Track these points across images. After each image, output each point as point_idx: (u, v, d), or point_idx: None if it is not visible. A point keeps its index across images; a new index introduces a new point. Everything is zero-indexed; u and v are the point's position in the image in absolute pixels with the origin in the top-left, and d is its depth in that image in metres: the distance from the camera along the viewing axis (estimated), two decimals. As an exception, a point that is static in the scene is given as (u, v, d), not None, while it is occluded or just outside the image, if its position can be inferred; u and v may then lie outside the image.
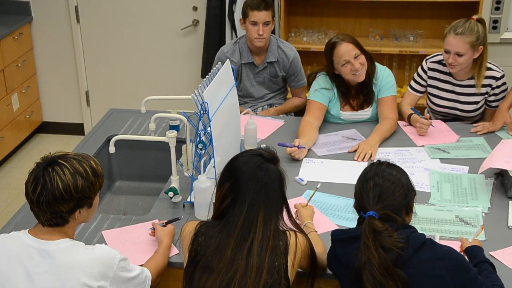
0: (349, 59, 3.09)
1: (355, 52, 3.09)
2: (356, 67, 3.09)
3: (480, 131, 3.19)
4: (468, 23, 3.08)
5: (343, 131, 3.26)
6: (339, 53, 3.10)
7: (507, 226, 2.44)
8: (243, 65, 3.72)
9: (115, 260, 1.95)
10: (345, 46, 3.09)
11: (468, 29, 3.06)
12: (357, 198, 1.99)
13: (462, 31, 3.05)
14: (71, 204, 1.92)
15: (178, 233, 2.29)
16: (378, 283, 1.83)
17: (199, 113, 2.42)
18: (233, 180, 1.95)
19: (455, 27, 3.09)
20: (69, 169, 1.91)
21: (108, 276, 1.93)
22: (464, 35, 3.05)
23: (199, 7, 4.69)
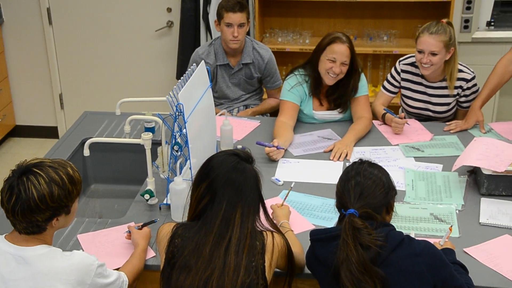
0: (338, 60, 3.10)
1: (346, 60, 3.11)
2: (336, 70, 3.11)
3: (453, 129, 3.23)
4: (440, 24, 3.13)
5: (318, 131, 3.27)
6: (334, 48, 3.11)
7: (479, 223, 2.48)
8: (218, 67, 3.71)
9: (93, 267, 1.93)
10: (343, 48, 3.10)
11: (442, 29, 3.11)
12: (339, 196, 2.00)
13: (436, 30, 3.10)
14: (47, 214, 1.90)
15: (154, 235, 2.28)
16: (356, 280, 1.85)
17: (175, 115, 2.41)
18: (210, 180, 1.95)
19: (428, 27, 3.13)
20: (44, 178, 1.88)
21: (85, 283, 1.92)
22: (438, 34, 3.09)
23: (173, 9, 4.67)
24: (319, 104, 3.31)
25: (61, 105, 5.08)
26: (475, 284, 2.06)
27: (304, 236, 2.29)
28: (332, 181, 2.72)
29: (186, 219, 2.04)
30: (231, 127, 3.04)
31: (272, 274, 1.98)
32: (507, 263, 2.23)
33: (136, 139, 2.63)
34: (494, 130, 3.23)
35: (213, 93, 3.64)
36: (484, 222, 2.48)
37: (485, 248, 2.32)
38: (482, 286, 2.10)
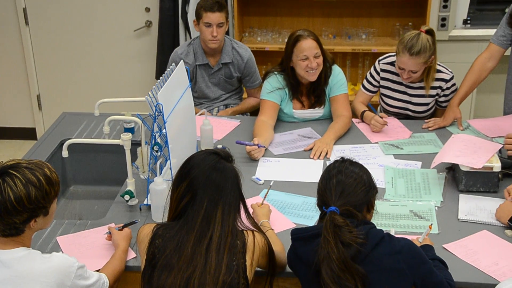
0: (309, 55, 3.12)
1: (316, 52, 3.12)
2: (312, 65, 3.12)
3: (432, 126, 3.26)
4: (420, 40, 3.05)
5: (298, 129, 3.28)
6: (301, 46, 3.12)
7: (457, 219, 2.50)
8: (197, 67, 3.70)
9: (73, 268, 1.92)
10: (309, 42, 3.12)
11: (422, 49, 3.04)
12: (320, 194, 2.01)
13: (416, 51, 3.04)
14: (24, 215, 1.88)
15: (135, 236, 2.27)
16: (336, 277, 1.86)
17: (154, 115, 2.40)
18: (190, 179, 1.95)
19: (409, 47, 3.05)
20: (21, 180, 1.86)
21: (65, 285, 1.90)
22: (418, 56, 3.05)
23: (151, 8, 4.65)
24: (300, 104, 3.32)
25: (39, 106, 5.03)
26: (454, 279, 2.09)
27: (285, 234, 2.29)
28: (312, 179, 2.73)
29: (166, 220, 2.03)
30: (211, 127, 3.04)
31: (253, 273, 1.98)
32: (485, 258, 2.26)
33: (115, 139, 2.61)
34: (472, 127, 3.27)
35: (192, 93, 3.64)
36: (463, 218, 2.50)
37: (463, 244, 2.34)
38: (461, 281, 2.12)
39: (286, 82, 3.26)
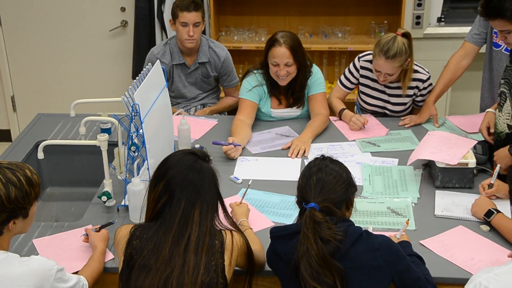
0: (280, 63, 3.12)
1: (288, 61, 3.11)
2: (281, 73, 3.13)
3: (408, 124, 3.29)
4: (396, 43, 3.06)
5: (276, 128, 3.29)
6: (273, 53, 3.12)
7: (434, 215, 2.53)
8: (174, 66, 3.69)
9: (52, 271, 1.90)
10: (282, 51, 3.10)
11: (398, 53, 3.06)
12: (300, 190, 2.02)
13: (392, 55, 3.05)
14: (3, 215, 1.86)
15: (112, 237, 2.25)
16: (315, 273, 1.87)
17: (131, 115, 2.39)
18: (167, 180, 1.94)
19: (385, 50, 3.07)
20: (1, 179, 1.85)
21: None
22: (394, 59, 3.07)
23: (127, 8, 4.62)
24: (278, 103, 3.33)
25: (13, 108, 4.97)
26: (431, 275, 2.10)
27: (264, 233, 2.30)
28: (290, 178, 2.74)
29: (144, 220, 2.02)
30: (189, 127, 3.03)
31: (232, 273, 1.98)
32: (461, 253, 2.28)
33: (92, 140, 2.59)
34: (448, 123, 3.30)
35: (169, 93, 3.62)
36: (439, 214, 2.53)
37: (440, 240, 2.37)
38: (438, 276, 2.14)
39: (265, 80, 3.26)
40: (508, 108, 2.72)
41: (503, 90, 2.76)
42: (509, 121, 2.72)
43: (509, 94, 2.70)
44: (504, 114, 2.75)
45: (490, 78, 3.34)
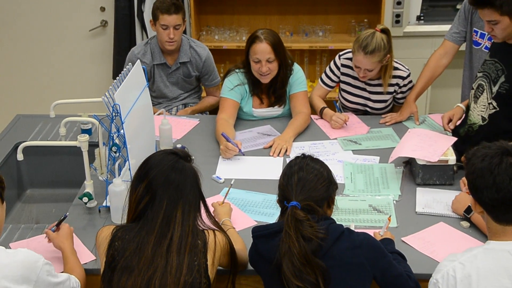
0: (261, 59, 3.12)
1: (270, 57, 3.12)
2: (263, 70, 3.13)
3: (389, 121, 3.31)
4: (375, 39, 3.09)
5: (258, 127, 3.29)
6: (255, 49, 3.12)
7: (415, 212, 2.55)
8: (155, 66, 3.67)
9: (39, 263, 1.88)
10: (263, 46, 3.11)
11: (376, 48, 3.08)
12: (281, 189, 2.02)
13: (371, 50, 3.07)
14: None
15: (89, 238, 2.23)
16: (297, 271, 1.87)
17: (111, 116, 2.37)
18: (149, 180, 1.93)
19: (364, 45, 3.09)
20: None
21: (31, 280, 1.86)
22: (373, 54, 3.09)
23: (107, 8, 4.59)
24: (260, 102, 3.33)
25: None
26: (413, 271, 2.12)
27: (247, 232, 2.30)
28: (272, 177, 2.74)
29: (126, 221, 2.01)
30: (170, 126, 3.02)
31: (215, 273, 1.98)
32: (442, 249, 2.30)
33: (72, 141, 2.58)
34: (428, 120, 3.32)
35: (151, 93, 3.62)
36: (420, 211, 2.55)
37: (421, 236, 2.39)
38: (420, 273, 2.15)
39: (247, 79, 3.26)
40: (484, 101, 2.76)
41: (481, 83, 2.79)
42: (484, 113, 2.76)
43: (487, 86, 2.74)
44: (479, 106, 2.79)
45: (471, 76, 3.37)
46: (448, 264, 1.81)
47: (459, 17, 3.30)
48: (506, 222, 1.80)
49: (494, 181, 1.76)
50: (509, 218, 1.79)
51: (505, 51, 2.70)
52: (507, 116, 2.69)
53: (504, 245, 1.78)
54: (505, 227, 1.80)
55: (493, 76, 2.72)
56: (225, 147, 2.93)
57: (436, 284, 1.80)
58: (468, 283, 1.75)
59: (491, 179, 1.77)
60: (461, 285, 1.75)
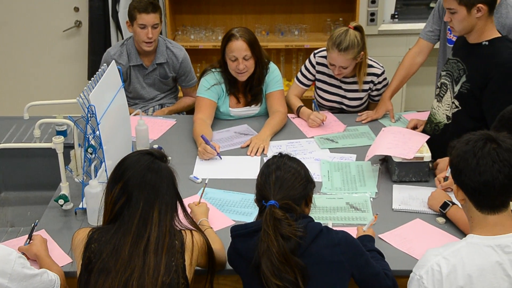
0: (238, 57, 3.12)
1: (246, 54, 3.12)
2: (240, 68, 3.13)
3: (365, 119, 3.34)
4: (349, 36, 3.11)
5: (235, 126, 3.29)
6: (231, 47, 3.12)
7: (392, 209, 2.57)
8: (131, 67, 3.65)
9: (12, 256, 1.86)
10: (239, 44, 3.11)
11: (350, 45, 3.10)
12: (259, 188, 2.03)
13: (345, 47, 3.10)
14: None
15: (64, 240, 2.21)
16: (276, 270, 1.88)
17: (87, 117, 2.35)
18: (125, 181, 1.92)
19: (338, 43, 3.11)
20: None
21: (5, 273, 1.84)
22: (347, 52, 3.11)
23: (81, 8, 4.55)
24: (236, 101, 3.33)
25: (-35, 111, 4.85)
26: (390, 268, 2.14)
27: (225, 232, 2.30)
28: (250, 176, 2.74)
29: (102, 223, 1.99)
30: (147, 127, 3.01)
31: (193, 273, 1.97)
32: (419, 246, 2.32)
33: (47, 143, 2.55)
34: (403, 118, 3.35)
35: (127, 94, 3.60)
36: (397, 208, 2.57)
37: (398, 233, 2.41)
38: (397, 269, 2.17)
39: (224, 78, 3.26)
40: (448, 99, 2.80)
41: (444, 82, 2.84)
42: (448, 112, 2.80)
43: (450, 85, 2.79)
44: (444, 105, 2.83)
45: (444, 74, 3.41)
46: (431, 259, 1.80)
47: (433, 16, 3.33)
48: (488, 208, 1.80)
49: (478, 163, 1.76)
50: (490, 203, 1.79)
51: (467, 50, 2.74)
52: (469, 115, 2.74)
53: (487, 240, 1.79)
54: (487, 216, 1.81)
55: (456, 75, 2.76)
56: (203, 149, 2.92)
57: (420, 280, 1.80)
58: (454, 278, 1.76)
59: (474, 161, 1.77)
60: (447, 280, 1.76)
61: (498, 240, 1.77)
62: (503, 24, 2.95)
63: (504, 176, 1.75)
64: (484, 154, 1.76)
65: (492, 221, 1.80)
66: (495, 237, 1.78)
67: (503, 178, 1.74)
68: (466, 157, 1.79)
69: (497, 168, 1.74)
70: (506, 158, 1.75)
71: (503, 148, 1.77)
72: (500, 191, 1.76)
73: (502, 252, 1.76)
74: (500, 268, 1.75)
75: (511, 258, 1.76)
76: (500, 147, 1.77)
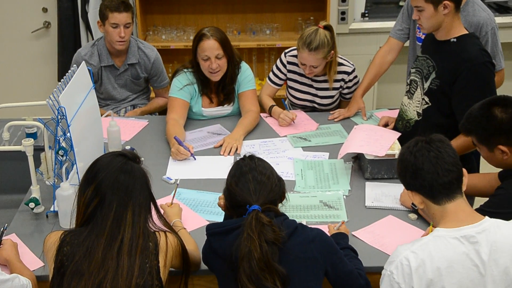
0: (210, 56, 3.11)
1: (218, 53, 3.11)
2: (213, 67, 3.13)
3: (337, 118, 3.36)
4: (318, 35, 3.13)
5: (207, 126, 3.28)
6: (203, 46, 3.11)
7: (365, 206, 2.59)
8: (103, 68, 3.62)
9: None
10: (211, 43, 3.10)
11: (320, 44, 3.12)
12: (232, 192, 2.00)
13: (315, 47, 3.12)
14: None
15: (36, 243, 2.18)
16: (254, 275, 1.87)
17: (57, 119, 2.33)
18: (97, 183, 1.90)
19: (308, 42, 3.13)
20: None
21: None
22: (317, 51, 3.13)
23: (49, 9, 4.50)
24: (209, 101, 3.32)
25: None
26: (364, 264, 2.16)
27: (198, 232, 2.29)
28: (223, 176, 2.69)
29: (74, 226, 1.97)
30: (118, 128, 2.98)
31: (168, 274, 1.97)
32: (392, 242, 2.34)
33: (16, 146, 2.51)
34: (375, 116, 3.39)
35: (98, 95, 3.56)
36: (369, 205, 2.60)
37: (371, 230, 2.43)
38: (370, 266, 2.19)
39: (196, 78, 3.25)
40: (419, 96, 2.84)
41: (414, 79, 2.87)
42: (419, 108, 2.84)
43: (420, 82, 2.82)
44: (414, 102, 2.87)
45: (415, 72, 3.45)
46: (400, 254, 1.84)
47: (403, 15, 3.37)
48: (444, 197, 1.86)
49: (416, 158, 1.88)
50: (442, 190, 1.86)
51: (435, 48, 2.78)
52: (439, 111, 2.78)
53: (453, 232, 1.83)
54: (445, 206, 1.86)
55: (425, 72, 2.80)
56: (176, 150, 2.91)
57: (391, 275, 1.83)
58: (423, 271, 1.79)
59: (412, 159, 1.89)
60: (416, 274, 1.79)
61: (463, 231, 1.82)
62: (470, 22, 3.00)
63: (444, 161, 1.86)
64: (418, 149, 1.89)
65: (451, 209, 1.86)
66: (460, 229, 1.83)
67: (442, 163, 1.85)
68: (405, 159, 1.91)
69: (433, 155, 1.86)
70: (437, 146, 1.88)
71: (432, 139, 1.91)
72: (444, 174, 1.85)
73: (468, 243, 1.81)
74: (467, 258, 1.80)
75: (476, 247, 1.80)
76: (430, 140, 1.91)
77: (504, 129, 2.22)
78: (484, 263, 1.79)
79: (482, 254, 1.79)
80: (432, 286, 1.79)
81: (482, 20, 3.01)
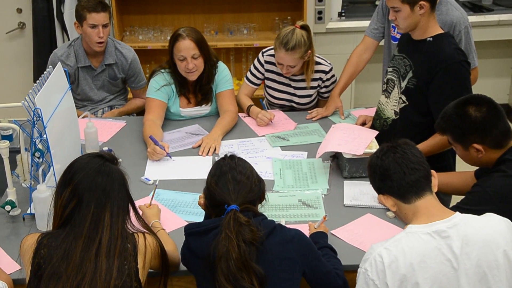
0: (186, 56, 3.11)
1: (195, 53, 3.11)
2: (189, 67, 3.12)
3: (315, 117, 3.37)
4: (295, 35, 3.14)
5: (186, 127, 3.27)
6: (179, 47, 3.11)
7: (343, 205, 2.61)
8: (79, 69, 3.59)
9: None
10: (186, 43, 3.09)
11: (297, 44, 3.13)
12: (212, 192, 2.00)
13: (292, 46, 3.12)
14: None
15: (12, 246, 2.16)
16: (232, 275, 1.87)
17: (33, 120, 2.30)
18: (75, 184, 1.89)
19: (285, 42, 3.14)
20: None
21: None
22: (294, 51, 3.14)
23: (24, 9, 4.45)
24: (187, 102, 3.31)
25: None
26: (342, 263, 2.17)
27: (177, 233, 2.29)
28: (202, 176, 2.69)
29: (51, 228, 1.95)
30: (96, 129, 2.96)
31: (146, 275, 1.96)
32: (370, 240, 2.35)
33: (-9, 148, 2.47)
34: (352, 115, 3.41)
35: (75, 96, 3.53)
36: (348, 203, 2.61)
37: (350, 228, 2.44)
38: (349, 264, 2.21)
39: (173, 79, 3.24)
40: (396, 95, 2.86)
41: (391, 78, 2.90)
42: (396, 107, 2.87)
43: (397, 81, 2.85)
44: (391, 100, 2.89)
45: (390, 70, 3.48)
46: (373, 252, 1.86)
47: (377, 14, 3.39)
48: (413, 195, 1.89)
49: (382, 160, 1.93)
50: (411, 189, 1.89)
51: (412, 47, 2.81)
52: (416, 110, 2.81)
53: (425, 228, 1.85)
54: (415, 203, 1.90)
55: (402, 71, 2.83)
56: (152, 150, 2.90)
57: (366, 273, 1.85)
58: (396, 267, 1.81)
59: (379, 162, 1.94)
60: (389, 270, 1.81)
61: (434, 227, 1.85)
62: (444, 21, 3.03)
63: (409, 161, 1.90)
64: (384, 152, 1.95)
65: (422, 206, 1.89)
66: (431, 224, 1.86)
67: (408, 163, 1.90)
68: (374, 164, 1.96)
69: (399, 156, 1.91)
70: (402, 148, 1.93)
71: (398, 143, 1.96)
72: (410, 172, 1.89)
73: (440, 238, 1.83)
74: (439, 253, 1.82)
75: (448, 242, 1.83)
76: (395, 143, 1.96)
77: (478, 128, 2.25)
78: (457, 257, 1.82)
79: (454, 248, 1.82)
80: (405, 281, 1.81)
81: (455, 19, 3.05)
